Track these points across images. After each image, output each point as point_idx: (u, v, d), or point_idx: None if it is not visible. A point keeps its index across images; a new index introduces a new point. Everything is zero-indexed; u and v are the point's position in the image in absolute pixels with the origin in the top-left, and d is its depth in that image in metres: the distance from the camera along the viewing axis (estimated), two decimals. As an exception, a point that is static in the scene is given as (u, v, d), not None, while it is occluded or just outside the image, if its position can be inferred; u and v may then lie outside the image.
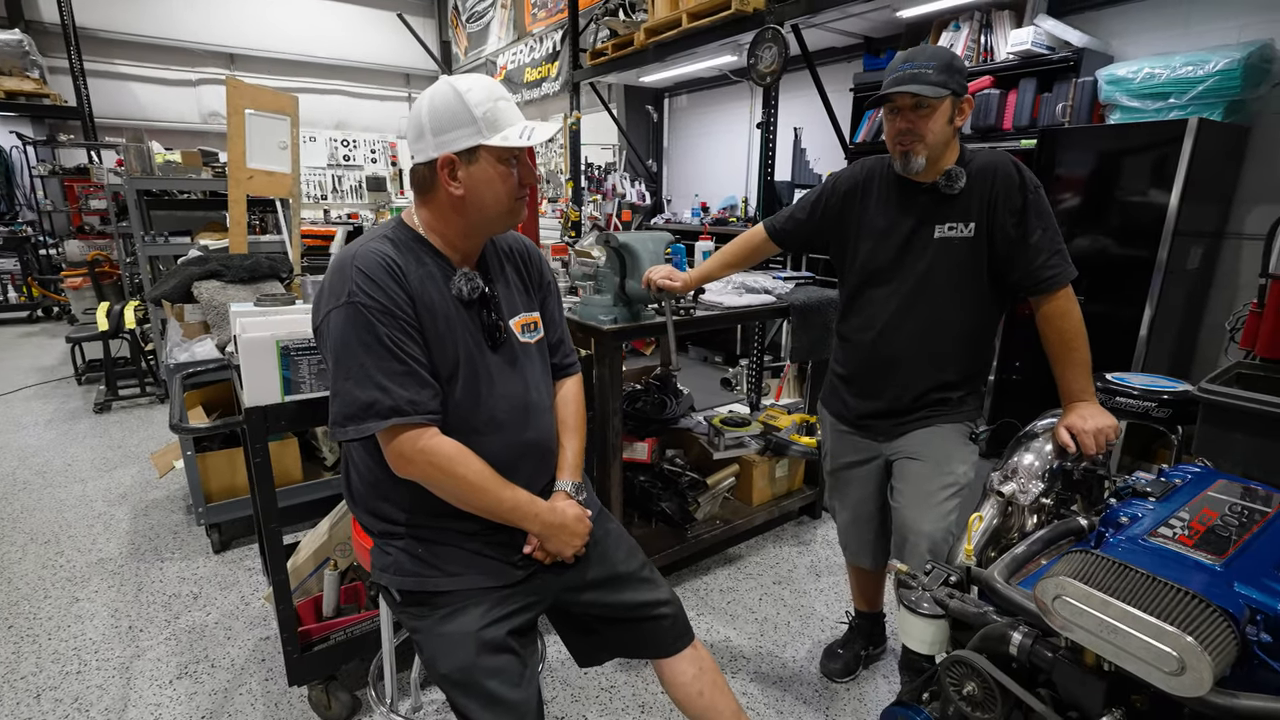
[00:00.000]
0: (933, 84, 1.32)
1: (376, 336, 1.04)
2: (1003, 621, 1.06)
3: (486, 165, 1.10)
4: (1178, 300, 2.87)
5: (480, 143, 1.08)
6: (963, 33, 3.59)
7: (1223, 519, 1.03)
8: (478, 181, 1.10)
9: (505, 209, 1.14)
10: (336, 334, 1.06)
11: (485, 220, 1.15)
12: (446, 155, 1.08)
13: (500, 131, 1.08)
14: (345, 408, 1.05)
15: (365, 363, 1.04)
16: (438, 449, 1.08)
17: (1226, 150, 2.80)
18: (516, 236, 1.35)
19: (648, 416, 2.83)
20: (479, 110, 1.07)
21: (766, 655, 2.04)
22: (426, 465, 1.08)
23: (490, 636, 1.11)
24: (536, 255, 1.35)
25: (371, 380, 1.04)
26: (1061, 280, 1.38)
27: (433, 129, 1.09)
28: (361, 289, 1.05)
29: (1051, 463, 1.37)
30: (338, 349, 1.06)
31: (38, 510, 2.91)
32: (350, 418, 1.05)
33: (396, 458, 1.08)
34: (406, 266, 1.10)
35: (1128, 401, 2.12)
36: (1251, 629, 0.84)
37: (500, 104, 1.09)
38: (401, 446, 1.07)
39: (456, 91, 1.08)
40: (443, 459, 1.08)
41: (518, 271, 1.29)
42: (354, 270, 1.06)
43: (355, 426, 1.05)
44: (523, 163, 1.14)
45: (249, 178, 3.28)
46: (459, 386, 1.13)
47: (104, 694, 1.86)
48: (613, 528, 1.38)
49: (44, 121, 7.44)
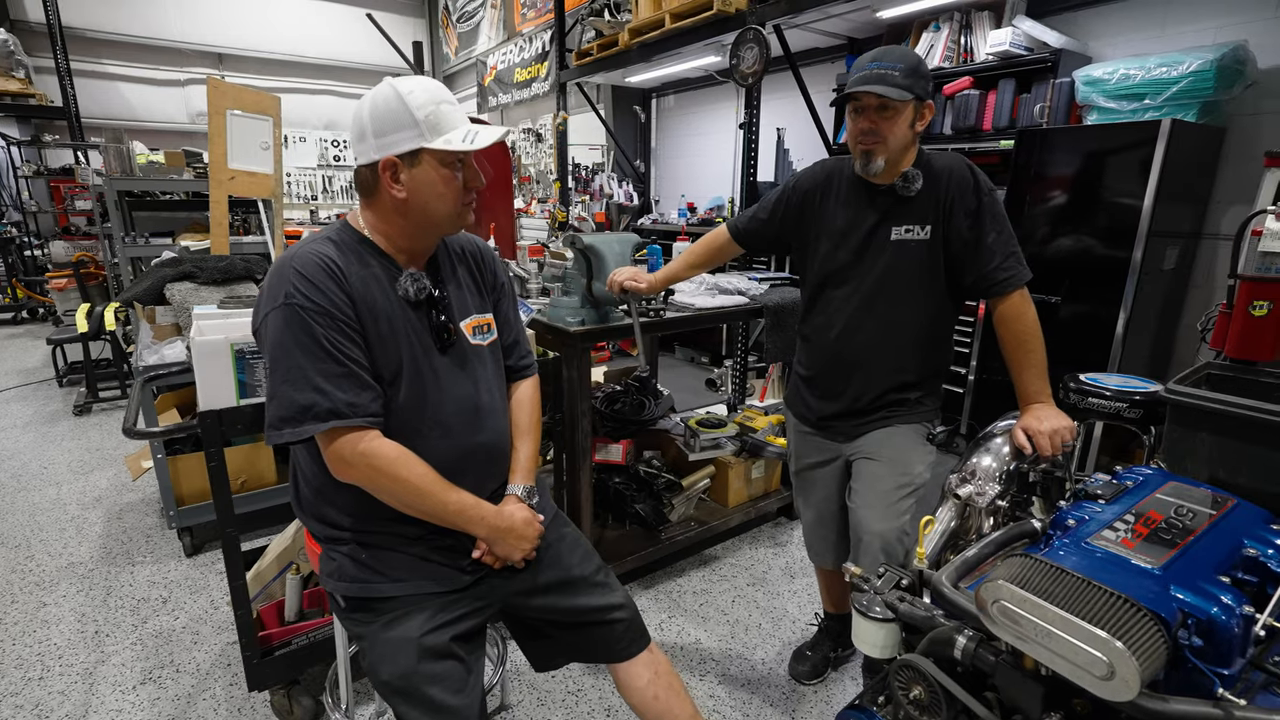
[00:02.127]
0: (898, 86, 1.32)
1: (314, 338, 1.03)
2: (949, 625, 1.05)
3: (429, 168, 1.08)
4: (1154, 301, 2.88)
5: (422, 145, 1.07)
6: (943, 33, 3.59)
7: (1167, 521, 1.03)
8: (420, 185, 1.09)
9: (450, 212, 1.13)
10: (274, 336, 1.04)
11: (430, 223, 1.14)
12: (388, 158, 1.07)
13: (443, 135, 1.07)
14: (281, 410, 1.04)
15: (302, 364, 1.03)
16: (378, 451, 1.06)
17: (1201, 151, 2.81)
18: (469, 237, 1.33)
19: (625, 418, 2.82)
20: (421, 113, 1.06)
21: (736, 657, 2.03)
22: (367, 468, 1.06)
23: (433, 643, 1.10)
24: (490, 256, 1.34)
25: (309, 382, 1.03)
26: (1016, 282, 1.37)
27: (374, 131, 1.07)
28: (299, 290, 1.03)
29: (1008, 464, 1.37)
30: (274, 351, 1.05)
31: (10, 514, 2.88)
32: (286, 420, 1.04)
33: (336, 461, 1.07)
34: (348, 268, 1.08)
35: (1100, 402, 2.10)
36: (1183, 633, 0.83)
37: (444, 107, 1.08)
38: (341, 450, 1.05)
39: (398, 93, 1.06)
40: (384, 462, 1.07)
41: (470, 273, 1.28)
42: (292, 272, 1.05)
43: (291, 430, 1.03)
44: (469, 166, 1.13)
45: (231, 178, 3.26)
46: (403, 389, 1.12)
47: (65, 700, 1.85)
48: (568, 532, 1.37)
49: (30, 121, 7.40)
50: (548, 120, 6.82)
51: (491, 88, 8.39)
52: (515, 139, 7.90)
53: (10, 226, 7.05)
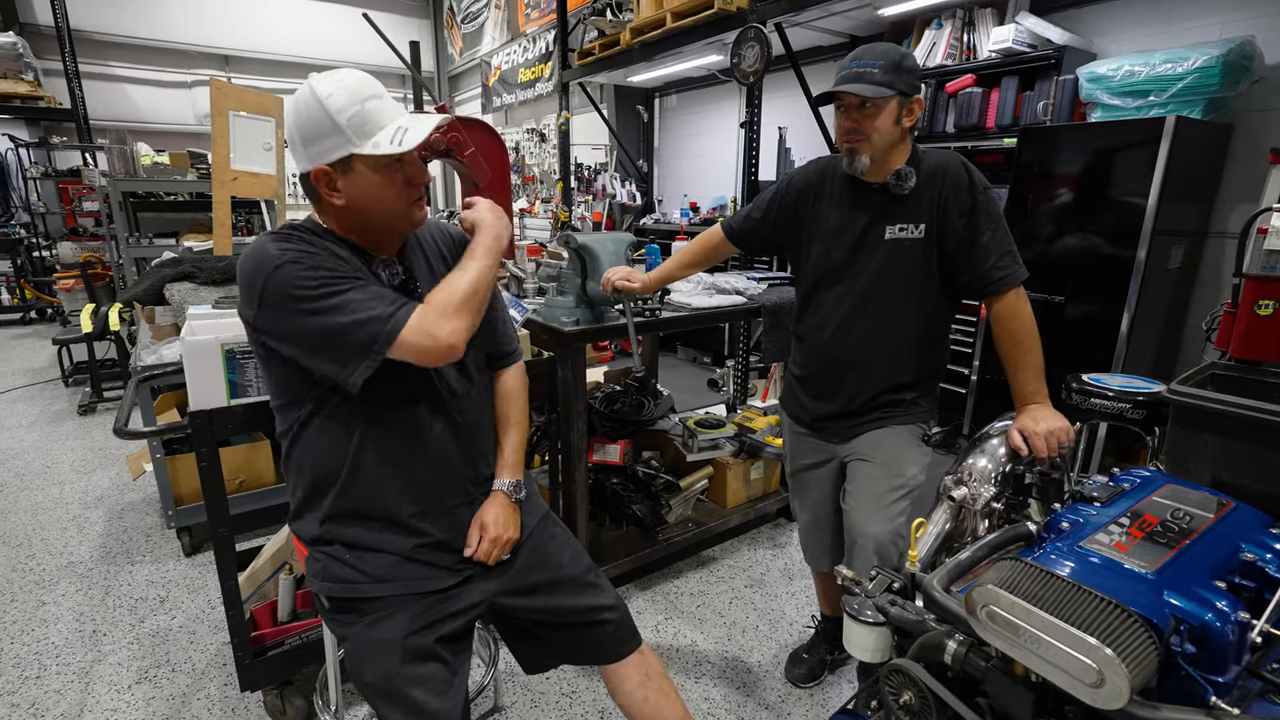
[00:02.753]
0: (876, 83, 1.31)
1: (323, 276, 0.99)
2: (940, 630, 1.04)
3: (364, 173, 1.03)
4: (1159, 300, 2.84)
5: (351, 152, 1.01)
6: (945, 31, 3.56)
7: (1163, 525, 1.01)
8: (358, 191, 1.04)
9: (394, 212, 1.08)
10: (281, 298, 0.98)
11: (378, 225, 1.10)
12: (319, 168, 1.02)
13: (371, 137, 1.01)
14: (352, 334, 0.98)
15: (335, 294, 0.98)
16: (432, 314, 1.03)
17: (1207, 148, 2.77)
18: (439, 224, 1.30)
19: (624, 418, 2.81)
20: (343, 117, 0.99)
21: (732, 660, 2.01)
22: (455, 313, 1.03)
23: (416, 644, 1.09)
24: (463, 243, 1.29)
25: (353, 303, 0.98)
26: (1011, 281, 1.35)
27: (302, 140, 1.03)
28: (282, 252, 1.00)
29: (1004, 466, 1.35)
30: (298, 303, 0.98)
31: (13, 513, 2.90)
32: (365, 343, 0.98)
33: (424, 340, 1.00)
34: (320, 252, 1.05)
35: (1102, 403, 2.08)
36: (1176, 639, 0.81)
37: (369, 104, 1.01)
38: (417, 338, 1.00)
39: (318, 98, 1.00)
40: (453, 302, 1.05)
41: (443, 258, 1.25)
42: (267, 245, 1.01)
43: (380, 345, 0.99)
44: (409, 163, 1.06)
45: (233, 179, 3.26)
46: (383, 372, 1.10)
47: (61, 699, 1.85)
48: (558, 532, 1.36)
49: (39, 123, 7.46)
50: (552, 120, 6.82)
51: (496, 88, 8.40)
52: (520, 139, 7.91)
53: (19, 228, 7.11)
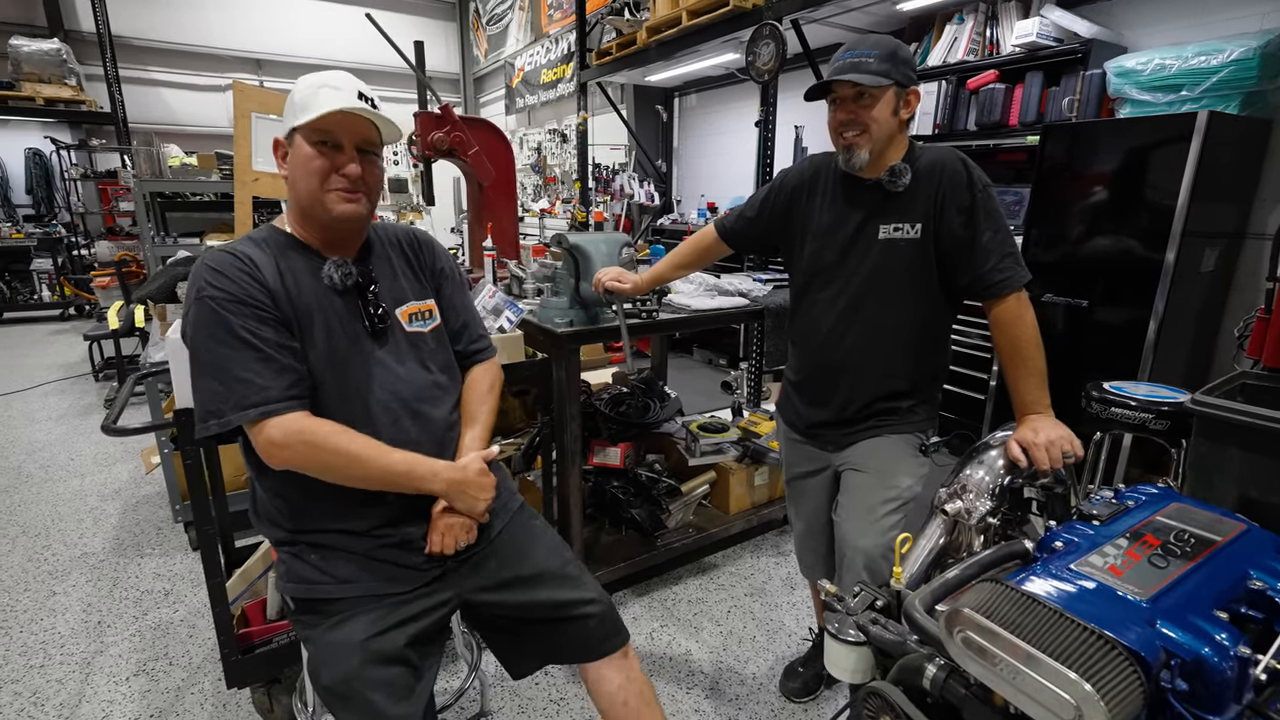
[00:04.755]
0: (873, 73, 1.25)
1: (230, 329, 1.03)
2: (920, 653, 0.98)
3: (300, 146, 1.11)
4: (1190, 305, 2.69)
5: (292, 124, 1.11)
6: (967, 25, 3.45)
7: (1164, 547, 0.94)
8: (293, 163, 1.13)
9: (312, 192, 1.11)
10: (192, 331, 1.05)
11: (304, 204, 1.14)
12: (277, 139, 1.16)
13: (309, 113, 1.09)
14: (206, 403, 1.03)
15: (222, 355, 1.03)
16: (310, 428, 1.05)
17: (1243, 145, 2.62)
18: (405, 227, 1.34)
19: (629, 420, 2.77)
20: (299, 96, 1.11)
21: (726, 671, 1.96)
22: (302, 445, 1.04)
23: (379, 647, 1.07)
24: (429, 244, 1.34)
25: (229, 373, 1.02)
26: (1012, 284, 1.28)
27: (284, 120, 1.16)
28: (209, 284, 1.04)
29: (1001, 479, 1.28)
30: (194, 345, 1.05)
31: (35, 504, 2.99)
32: (211, 413, 1.02)
33: (268, 446, 1.04)
34: (262, 261, 1.09)
35: (1124, 413, 1.98)
36: (1166, 674, 0.74)
37: (323, 91, 1.10)
38: (271, 433, 1.03)
39: (296, 83, 1.14)
40: (318, 436, 1.04)
41: (407, 260, 1.28)
42: (204, 269, 1.07)
43: (217, 421, 1.02)
44: (344, 153, 1.12)
45: (255, 179, 3.33)
46: (329, 377, 1.11)
47: (61, 688, 1.89)
48: (535, 524, 1.34)
49: (80, 126, 7.73)
50: (572, 121, 6.82)
51: (519, 89, 8.45)
52: (542, 140, 7.93)
53: (60, 227, 7.38)
